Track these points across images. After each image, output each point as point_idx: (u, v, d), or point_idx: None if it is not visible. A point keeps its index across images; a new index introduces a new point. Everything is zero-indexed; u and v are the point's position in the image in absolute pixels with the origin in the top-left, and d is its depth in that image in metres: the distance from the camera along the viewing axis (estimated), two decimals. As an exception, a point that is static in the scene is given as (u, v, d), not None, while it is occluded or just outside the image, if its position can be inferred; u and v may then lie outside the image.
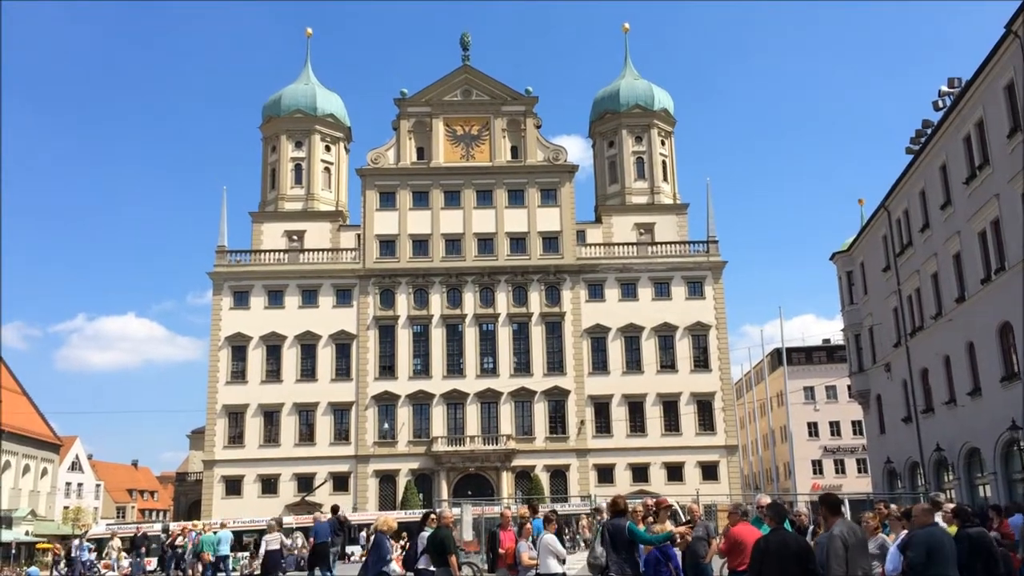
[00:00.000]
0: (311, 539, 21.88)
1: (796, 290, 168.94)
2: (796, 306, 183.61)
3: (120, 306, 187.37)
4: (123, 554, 36.37)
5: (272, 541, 21.39)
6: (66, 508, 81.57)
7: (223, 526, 28.03)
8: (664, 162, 66.00)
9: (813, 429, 75.17)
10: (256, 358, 57.95)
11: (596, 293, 60.04)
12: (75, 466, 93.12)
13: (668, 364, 58.81)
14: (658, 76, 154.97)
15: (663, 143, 66.29)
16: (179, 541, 28.86)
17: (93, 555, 35.15)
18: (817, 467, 74.51)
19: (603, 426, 58.01)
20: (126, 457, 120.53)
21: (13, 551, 53.62)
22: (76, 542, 35.76)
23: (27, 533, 47.50)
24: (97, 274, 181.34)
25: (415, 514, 43.53)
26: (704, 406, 58.37)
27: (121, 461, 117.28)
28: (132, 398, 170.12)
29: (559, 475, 57.22)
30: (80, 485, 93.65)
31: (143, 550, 33.09)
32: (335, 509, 23.04)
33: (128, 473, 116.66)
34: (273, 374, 57.86)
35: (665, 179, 65.59)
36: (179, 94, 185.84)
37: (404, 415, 57.61)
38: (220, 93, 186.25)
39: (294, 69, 72.35)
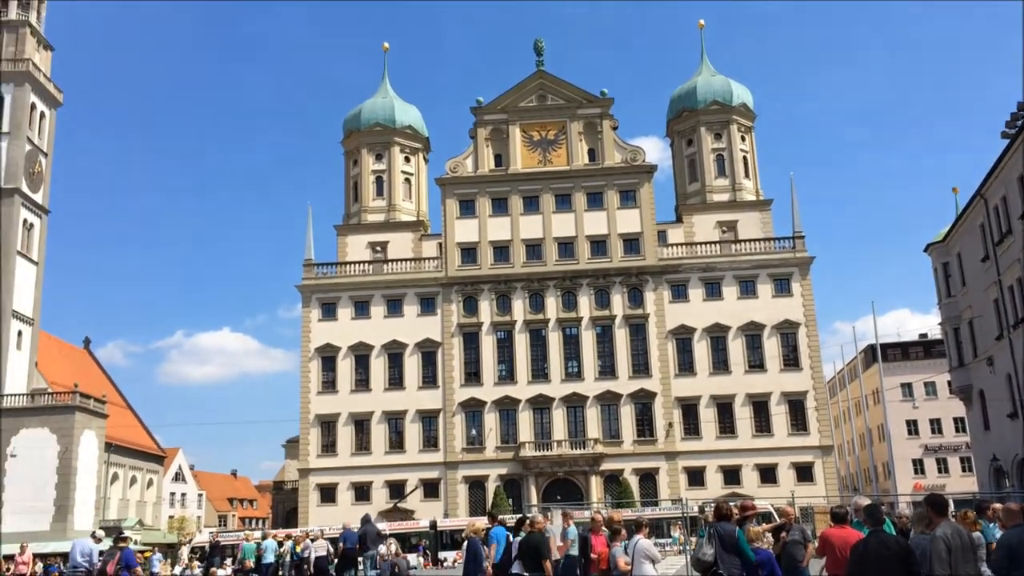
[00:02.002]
0: (341, 545, 22.77)
1: (889, 284, 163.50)
2: (890, 300, 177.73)
3: (215, 322, 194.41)
4: (196, 563, 37.47)
5: (319, 548, 22.74)
6: (171, 517, 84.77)
7: (265, 536, 29.34)
8: (745, 158, 64.83)
9: (912, 427, 72.58)
10: (345, 368, 59.21)
11: (679, 294, 59.33)
12: (178, 476, 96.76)
13: (756, 364, 57.67)
14: (736, 71, 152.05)
15: (743, 139, 65.13)
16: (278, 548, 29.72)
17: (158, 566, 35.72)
18: (918, 466, 71.89)
19: (692, 428, 57.23)
20: (226, 467, 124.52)
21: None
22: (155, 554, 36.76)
23: (135, 542, 49.69)
24: (193, 292, 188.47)
25: (505, 520, 43.71)
26: (796, 406, 57.01)
27: (221, 471, 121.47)
28: (229, 410, 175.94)
29: (648, 478, 56.69)
30: (184, 495, 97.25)
31: (217, 558, 34.16)
32: (366, 519, 24.18)
33: (228, 482, 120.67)
34: (362, 383, 59.00)
35: (747, 175, 64.42)
36: (263, 115, 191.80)
37: (491, 421, 58.00)
38: (302, 111, 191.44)
39: (372, 84, 73.87)
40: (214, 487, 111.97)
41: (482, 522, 19.62)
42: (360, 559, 23.04)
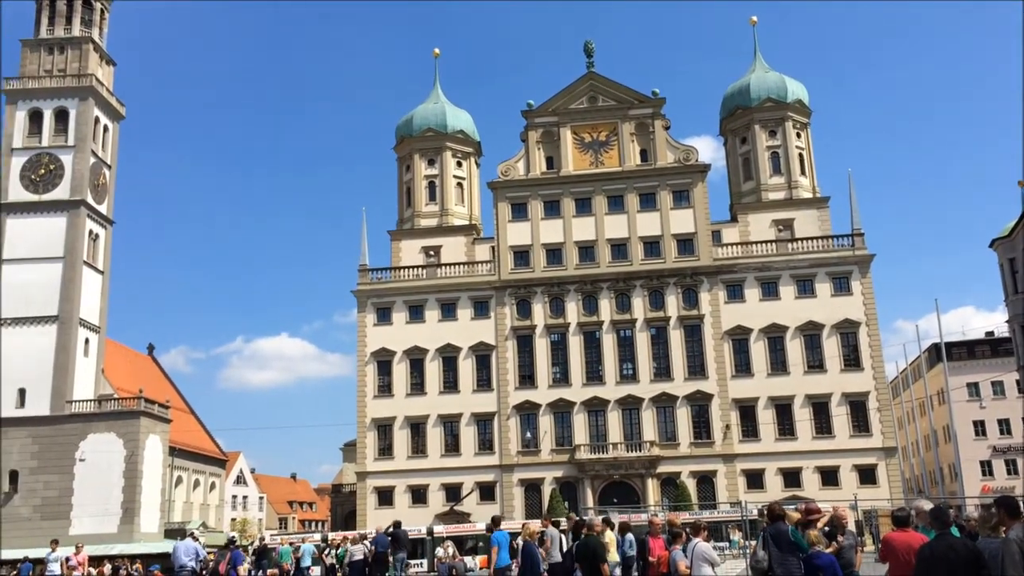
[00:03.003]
0: (373, 548, 23.43)
1: (953, 281, 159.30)
2: (954, 298, 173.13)
3: (274, 328, 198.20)
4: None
5: (356, 552, 23.21)
6: (233, 520, 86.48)
7: (304, 540, 30.30)
8: (801, 155, 63.75)
9: (980, 428, 70.54)
10: (401, 372, 59.70)
11: (735, 294, 58.56)
12: (240, 480, 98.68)
13: (816, 364, 56.63)
14: (790, 67, 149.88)
15: (799, 135, 64.05)
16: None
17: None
18: (986, 468, 69.84)
19: (750, 430, 56.43)
20: (285, 470, 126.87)
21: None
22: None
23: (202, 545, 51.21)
24: (252, 299, 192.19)
25: (562, 523, 43.58)
26: (857, 407, 55.81)
27: (281, 474, 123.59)
28: (288, 414, 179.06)
29: (706, 481, 56.03)
30: (245, 498, 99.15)
31: (266, 561, 34.76)
32: (397, 524, 25.02)
33: (288, 485, 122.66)
34: (417, 387, 59.42)
35: (803, 172, 63.34)
36: (318, 124, 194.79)
37: (546, 424, 57.93)
38: (355, 119, 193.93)
39: (424, 89, 74.47)
40: (274, 490, 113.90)
41: (536, 525, 19.67)
42: (391, 561, 23.95)
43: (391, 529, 24.57)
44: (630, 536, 16.46)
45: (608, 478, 56.43)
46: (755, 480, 55.19)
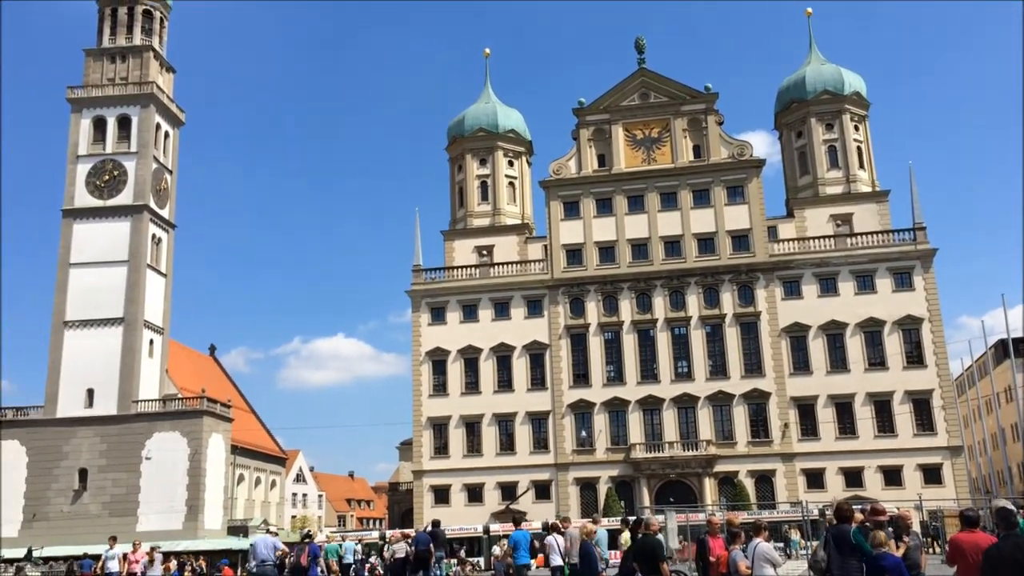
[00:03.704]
0: (413, 547, 23.78)
1: (1020, 276, 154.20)
2: (1021, 293, 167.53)
3: (330, 328, 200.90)
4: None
5: (399, 551, 23.47)
6: (293, 517, 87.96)
7: (344, 538, 30.83)
8: (859, 148, 62.47)
9: (1050, 426, 68.14)
10: (455, 371, 60.03)
11: (793, 290, 57.64)
12: (299, 478, 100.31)
13: (877, 361, 55.45)
14: (847, 59, 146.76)
15: (856, 128, 62.75)
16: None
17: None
18: (1057, 467, 67.50)
19: (809, 429, 55.49)
20: (343, 469, 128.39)
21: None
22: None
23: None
24: (309, 300, 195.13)
25: (617, 522, 43.51)
26: (921, 405, 54.51)
27: (339, 473, 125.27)
28: (345, 413, 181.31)
29: (764, 480, 55.27)
30: (304, 496, 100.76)
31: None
32: (435, 523, 25.15)
33: (346, 484, 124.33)
34: (472, 386, 59.70)
35: (861, 166, 62.06)
36: (370, 126, 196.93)
37: (600, 422, 57.73)
38: (407, 121, 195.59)
39: (475, 89, 74.81)
40: (333, 488, 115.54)
41: (592, 525, 19.72)
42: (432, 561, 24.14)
43: (429, 528, 24.84)
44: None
45: (664, 477, 56.03)
46: (815, 480, 54.27)
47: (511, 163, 67.81)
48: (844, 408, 55.28)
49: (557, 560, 17.26)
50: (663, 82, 62.37)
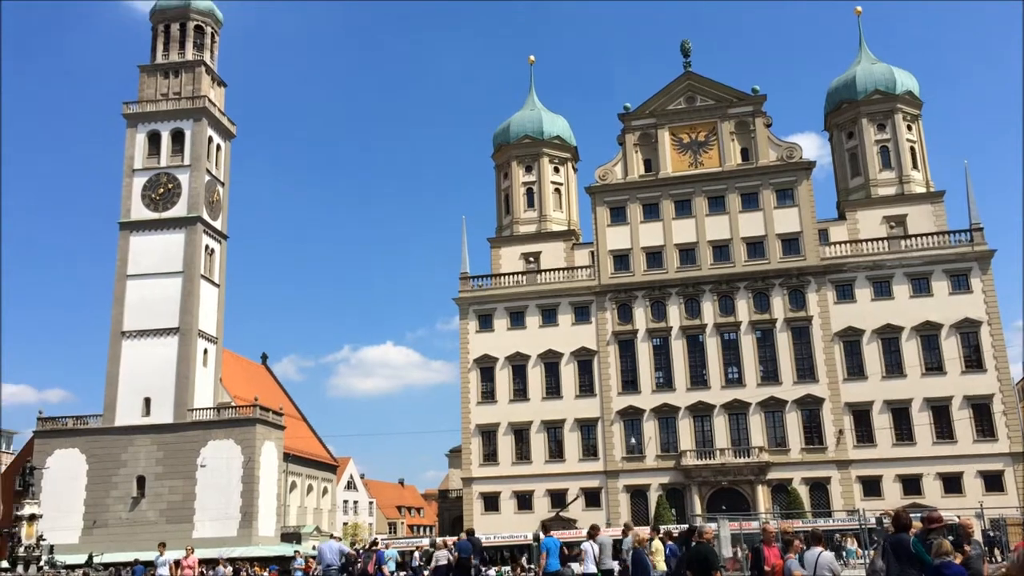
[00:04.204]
0: (455, 554, 24.00)
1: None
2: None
3: (379, 336, 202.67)
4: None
5: (441, 558, 23.83)
6: (345, 524, 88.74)
7: (387, 546, 31.13)
8: (912, 148, 61.20)
9: (1118, 431, 65.84)
10: (503, 378, 60.08)
11: (845, 294, 56.61)
12: (350, 485, 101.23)
13: (934, 366, 54.16)
14: (898, 58, 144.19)
15: (909, 128, 61.48)
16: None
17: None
18: None
19: (865, 435, 54.38)
20: (393, 476, 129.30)
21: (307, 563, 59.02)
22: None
23: (313, 548, 52.43)
24: (358, 309, 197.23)
25: (669, 529, 43.06)
26: (981, 410, 53.07)
27: (389, 480, 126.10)
28: (395, 420, 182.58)
29: (819, 488, 54.26)
30: (355, 503, 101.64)
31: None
32: (470, 532, 25.57)
33: (396, 491, 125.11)
34: (520, 393, 59.66)
35: (915, 166, 60.77)
36: (417, 135, 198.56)
37: (650, 429, 57.28)
38: (453, 129, 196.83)
39: (520, 97, 74.96)
40: (383, 495, 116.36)
41: (645, 532, 19.62)
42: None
43: (464, 536, 25.13)
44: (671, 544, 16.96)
45: (716, 484, 55.34)
46: (872, 487, 53.14)
47: (557, 169, 67.77)
48: (901, 414, 54.07)
49: (591, 567, 17.37)
50: (710, 85, 61.83)
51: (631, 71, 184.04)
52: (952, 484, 51.97)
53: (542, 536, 19.58)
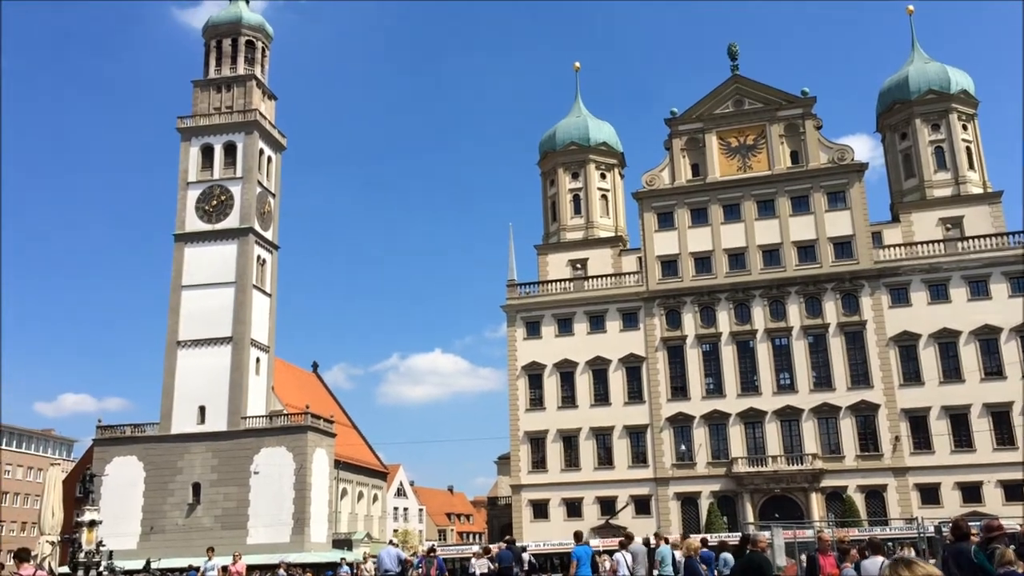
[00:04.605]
0: (496, 564, 24.09)
1: None
2: None
3: (427, 344, 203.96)
4: None
5: (481, 566, 23.57)
6: (395, 531, 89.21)
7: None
8: (968, 148, 59.80)
9: None
10: (551, 385, 59.97)
11: (900, 298, 55.45)
12: (400, 492, 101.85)
13: (994, 371, 52.73)
14: (952, 56, 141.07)
15: (965, 128, 60.10)
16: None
17: None
18: None
19: (922, 442, 53.15)
20: (442, 483, 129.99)
21: (355, 571, 59.47)
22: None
23: (364, 556, 52.88)
24: (406, 317, 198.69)
25: (722, 538, 42.59)
26: (1044, 416, 51.49)
27: (438, 487, 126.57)
28: (443, 428, 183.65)
29: (875, 496, 53.15)
30: (406, 510, 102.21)
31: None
32: (510, 542, 25.68)
33: (446, 498, 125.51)
34: (568, 400, 59.52)
35: (971, 167, 59.37)
36: (463, 143, 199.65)
37: (700, 436, 56.68)
38: (499, 137, 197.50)
39: (565, 104, 74.94)
40: (433, 502, 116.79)
41: (697, 541, 19.43)
42: None
43: (504, 545, 25.13)
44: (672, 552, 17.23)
45: (768, 492, 54.53)
46: (930, 495, 51.88)
47: (603, 176, 67.59)
48: (959, 420, 52.75)
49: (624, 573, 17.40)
50: (758, 88, 61.18)
51: (677, 76, 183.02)
52: (1013, 492, 50.41)
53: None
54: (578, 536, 20.61)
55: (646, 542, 22.92)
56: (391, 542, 21.94)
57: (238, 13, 69.75)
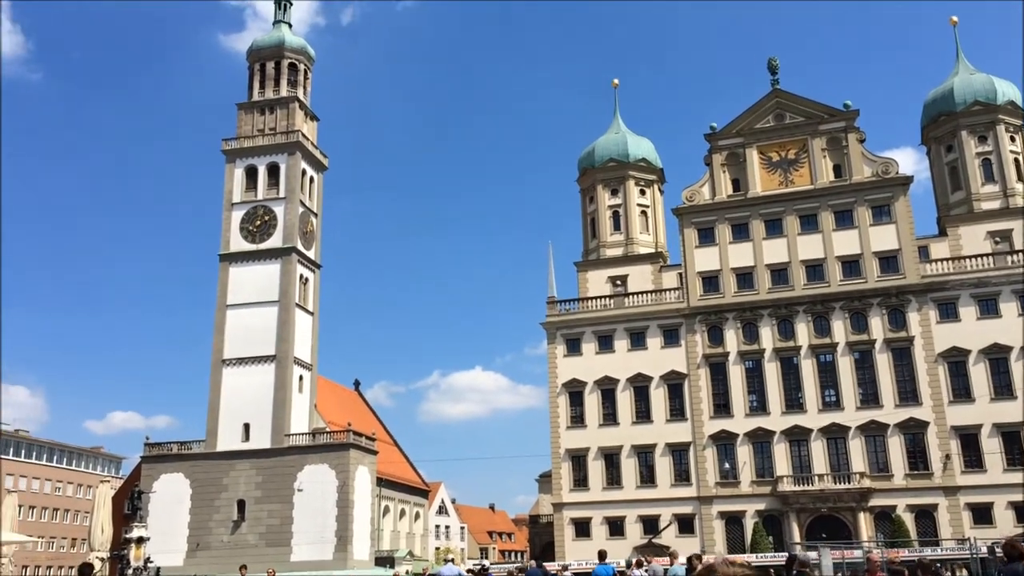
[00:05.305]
0: None
1: None
2: None
3: (468, 361, 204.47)
4: None
5: None
6: (437, 549, 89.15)
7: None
8: (1016, 160, 58.66)
9: None
10: (592, 402, 59.69)
11: (949, 313, 54.35)
12: (442, 510, 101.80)
13: (1047, 387, 51.32)
14: (998, 67, 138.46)
15: (1013, 139, 58.98)
16: None
17: None
18: None
19: (974, 460, 51.88)
20: (483, 501, 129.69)
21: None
22: None
23: (407, 572, 52.90)
24: (447, 335, 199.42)
25: (767, 558, 42.02)
26: (1101, 433, 49.98)
27: (479, 505, 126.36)
28: (484, 445, 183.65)
29: (925, 515, 51.94)
30: (447, 527, 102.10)
31: None
32: (539, 561, 26.01)
33: (487, 516, 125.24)
34: (609, 417, 59.17)
35: (1020, 178, 58.19)
36: (502, 161, 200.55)
37: (744, 454, 55.95)
38: (537, 155, 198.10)
39: (604, 120, 74.97)
40: (474, 520, 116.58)
41: (741, 560, 19.22)
42: None
43: (534, 564, 25.32)
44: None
45: (815, 512, 53.56)
46: (983, 515, 50.57)
47: (643, 192, 67.41)
48: (1012, 437, 51.45)
49: None
50: (799, 102, 60.69)
51: (716, 91, 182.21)
52: (1072, 512, 49.00)
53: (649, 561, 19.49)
54: (601, 555, 21.09)
55: (690, 561, 22.71)
56: (448, 559, 22.28)
57: (281, 37, 71.04)
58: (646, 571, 18.17)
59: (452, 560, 21.32)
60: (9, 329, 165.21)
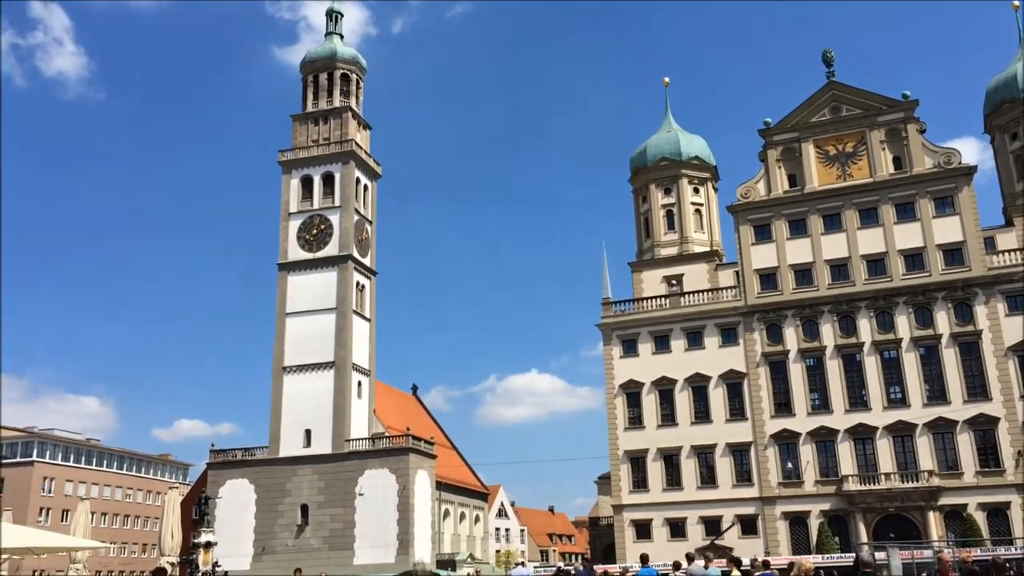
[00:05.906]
0: None
1: None
2: None
3: (524, 364, 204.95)
4: None
5: None
6: (497, 551, 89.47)
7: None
8: (1087, 144, 56.61)
9: None
10: (650, 403, 59.27)
11: (1018, 305, 52.68)
12: (501, 513, 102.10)
13: None
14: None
15: (1083, 123, 56.94)
16: None
17: None
18: None
19: (1048, 457, 50.17)
20: (542, 503, 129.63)
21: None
22: None
23: (476, 573, 53.41)
24: (502, 339, 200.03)
25: (833, 559, 41.28)
26: None
27: (539, 507, 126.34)
28: (542, 448, 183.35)
29: (998, 514, 50.37)
30: (507, 530, 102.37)
31: None
32: (587, 561, 26.94)
33: (546, 518, 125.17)
34: (668, 418, 58.66)
35: (1091, 164, 56.15)
36: (553, 163, 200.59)
37: (807, 453, 54.98)
38: (589, 156, 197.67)
39: (656, 119, 74.48)
40: (534, 523, 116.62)
41: (810, 562, 18.91)
42: None
43: (583, 566, 25.49)
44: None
45: (882, 511, 52.35)
46: (1059, 513, 48.87)
47: (696, 190, 66.76)
48: (1090, 433, 49.62)
49: None
50: (855, 93, 59.49)
51: (768, 86, 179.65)
52: None
53: (690, 563, 19.26)
54: (644, 559, 21.12)
55: (756, 563, 22.49)
56: (520, 563, 22.89)
57: (333, 48, 72.17)
58: (684, 572, 18.01)
59: (523, 563, 21.83)
60: (79, 341, 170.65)
